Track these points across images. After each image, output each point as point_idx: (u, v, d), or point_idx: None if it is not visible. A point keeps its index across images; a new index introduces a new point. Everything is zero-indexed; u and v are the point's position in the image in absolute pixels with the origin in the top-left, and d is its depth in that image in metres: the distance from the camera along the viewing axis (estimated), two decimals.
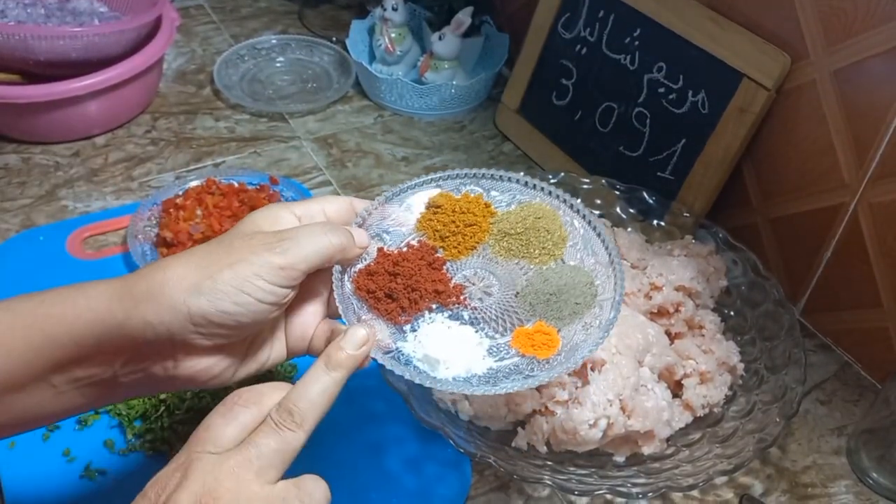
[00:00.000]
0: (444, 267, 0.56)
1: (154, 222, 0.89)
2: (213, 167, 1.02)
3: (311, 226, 0.50)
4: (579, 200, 0.59)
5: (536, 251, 0.56)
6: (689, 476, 0.65)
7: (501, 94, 1.12)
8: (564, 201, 0.59)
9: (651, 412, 0.67)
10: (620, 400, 0.67)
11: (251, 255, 0.47)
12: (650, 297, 0.76)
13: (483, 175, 0.59)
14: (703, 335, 0.76)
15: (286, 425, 0.44)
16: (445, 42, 1.10)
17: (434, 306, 0.54)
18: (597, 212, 0.89)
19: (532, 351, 0.52)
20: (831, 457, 0.75)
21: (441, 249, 0.56)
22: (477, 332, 0.53)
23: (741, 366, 0.75)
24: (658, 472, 0.67)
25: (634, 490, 0.64)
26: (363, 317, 0.52)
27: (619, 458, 0.69)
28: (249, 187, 0.92)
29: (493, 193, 0.59)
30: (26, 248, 0.89)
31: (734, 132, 0.84)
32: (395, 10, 1.11)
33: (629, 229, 0.87)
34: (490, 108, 1.15)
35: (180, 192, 0.91)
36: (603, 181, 0.90)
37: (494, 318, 0.54)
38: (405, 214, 0.58)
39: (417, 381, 0.49)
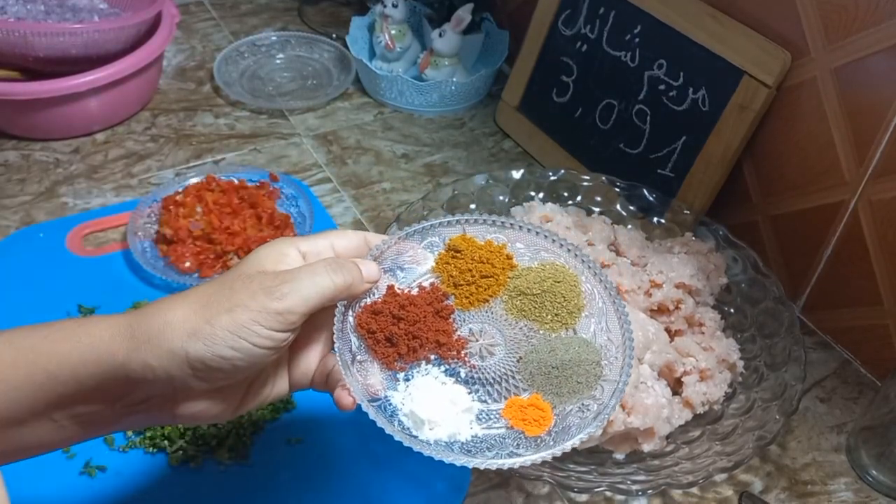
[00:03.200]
0: (452, 317, 0.54)
1: (154, 219, 0.89)
2: (213, 164, 1.02)
3: (314, 265, 0.49)
4: (605, 272, 0.57)
5: (549, 316, 0.54)
6: (688, 473, 0.65)
7: (502, 91, 1.12)
8: (590, 267, 0.56)
9: (651, 409, 0.67)
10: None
11: (249, 300, 0.46)
12: (650, 295, 0.76)
13: (512, 225, 0.57)
14: (702, 332, 0.76)
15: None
16: (445, 39, 1.10)
17: (433, 357, 0.52)
18: (597, 209, 0.89)
19: (522, 425, 0.50)
20: (831, 454, 0.75)
21: (452, 296, 0.54)
22: (470, 393, 0.51)
23: (741, 363, 0.75)
24: (658, 469, 0.67)
25: (634, 487, 0.64)
26: (359, 357, 0.51)
27: (619, 456, 0.69)
28: (249, 184, 0.92)
29: (518, 245, 0.57)
30: (26, 245, 0.89)
31: (734, 129, 0.84)
32: (395, 6, 1.11)
33: (629, 226, 0.87)
34: (490, 105, 1.15)
35: (180, 189, 0.91)
36: (603, 178, 0.90)
37: (491, 381, 0.52)
38: (423, 252, 0.56)
39: (398, 438, 0.48)
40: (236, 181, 0.92)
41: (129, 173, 1.00)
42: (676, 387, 0.73)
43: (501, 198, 0.89)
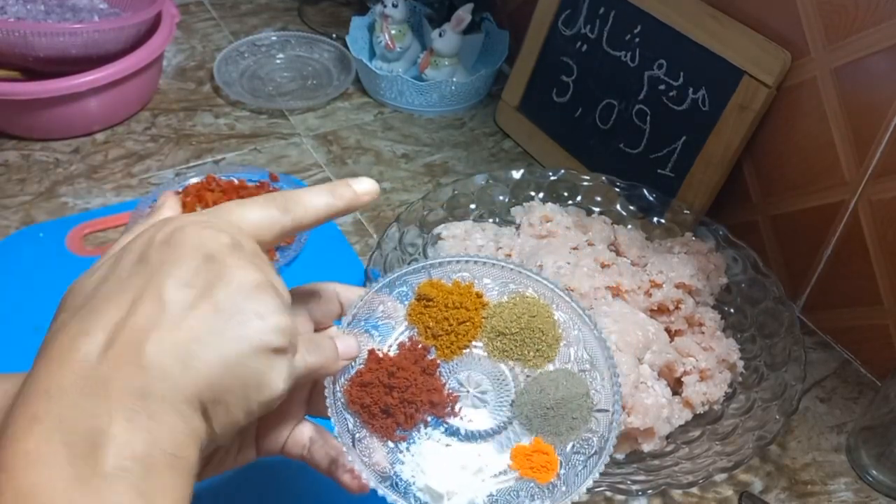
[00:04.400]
0: (438, 371, 0.52)
1: None
2: (212, 164, 1.02)
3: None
4: (573, 294, 0.56)
5: (531, 353, 0.54)
6: (688, 473, 0.65)
7: (502, 91, 1.12)
8: (559, 293, 0.55)
9: (651, 409, 0.67)
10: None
11: None
12: (650, 295, 0.76)
13: (475, 261, 0.56)
14: (702, 332, 0.76)
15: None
16: (445, 39, 1.10)
17: (429, 418, 0.51)
18: (597, 209, 0.89)
19: (532, 474, 0.49)
20: (831, 454, 0.75)
21: (433, 348, 0.53)
22: (475, 450, 0.50)
23: (741, 363, 0.75)
24: (658, 469, 0.67)
25: (634, 487, 0.64)
26: (357, 435, 0.49)
27: (619, 456, 0.69)
28: (249, 184, 0.92)
29: (485, 281, 0.56)
30: (26, 245, 0.89)
31: (734, 129, 0.84)
32: (395, 6, 1.11)
33: (629, 226, 0.87)
34: (490, 105, 1.15)
35: (180, 189, 0.91)
36: (603, 178, 0.90)
37: (491, 433, 0.51)
38: (394, 305, 0.54)
39: None
40: (236, 181, 0.92)
41: (129, 173, 1.00)
42: (676, 387, 0.73)
43: (501, 198, 0.89)
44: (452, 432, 0.51)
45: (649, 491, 0.65)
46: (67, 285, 0.88)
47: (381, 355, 0.51)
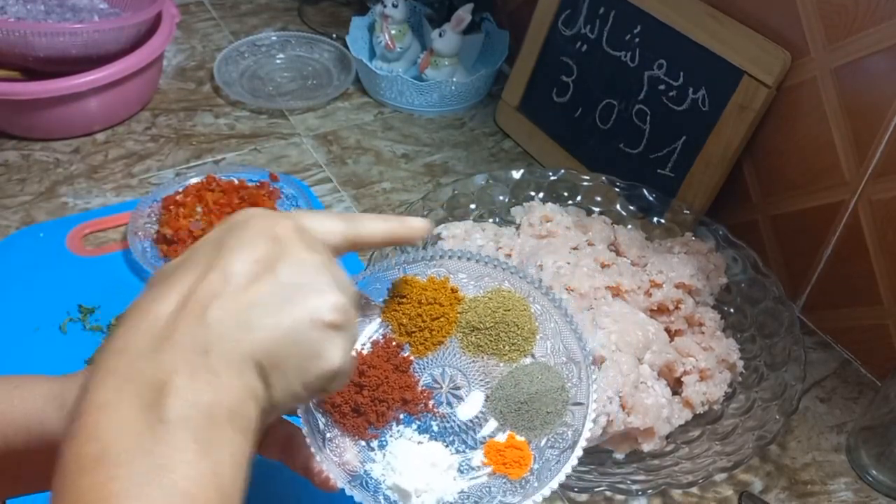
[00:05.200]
0: (411, 368, 0.53)
1: (154, 219, 0.89)
2: (213, 164, 1.02)
3: None
4: (548, 284, 0.56)
5: (506, 347, 0.53)
6: (688, 473, 0.65)
7: (502, 91, 1.12)
8: (536, 286, 0.55)
9: (651, 409, 0.67)
10: (620, 397, 0.67)
11: None
12: (650, 295, 0.76)
13: (450, 256, 0.56)
14: (702, 332, 0.76)
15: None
16: (445, 39, 1.10)
17: (402, 416, 0.51)
18: (597, 209, 0.89)
19: (504, 470, 0.49)
20: (831, 454, 0.75)
21: (407, 345, 0.53)
22: (447, 446, 0.50)
23: (741, 363, 0.75)
24: (658, 469, 0.67)
25: (634, 487, 0.64)
26: (328, 434, 0.49)
27: (619, 455, 0.69)
28: (249, 184, 0.92)
29: (461, 276, 0.56)
30: (26, 245, 0.89)
31: (734, 129, 0.84)
32: (395, 6, 1.11)
33: (629, 226, 0.87)
34: (490, 105, 1.15)
35: (180, 189, 0.91)
36: (603, 178, 0.90)
37: (464, 429, 0.51)
38: (367, 302, 0.54)
39: None
40: (236, 181, 0.92)
41: (130, 173, 1.00)
42: (676, 387, 0.73)
43: (501, 198, 0.89)
44: (425, 430, 0.51)
45: (649, 491, 0.65)
46: (67, 285, 0.88)
47: (353, 353, 0.51)
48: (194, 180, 0.93)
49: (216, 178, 0.92)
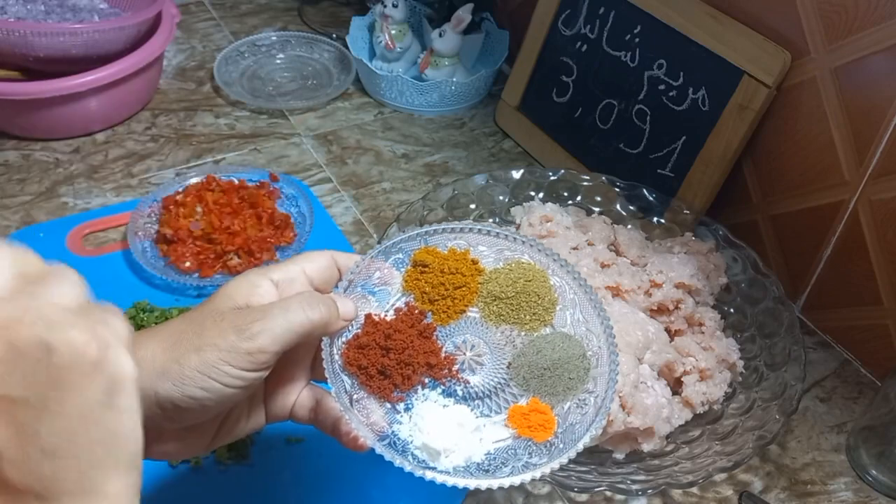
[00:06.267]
0: (434, 334, 0.53)
1: (154, 219, 0.89)
2: (213, 164, 1.02)
3: (287, 300, 0.47)
4: (570, 262, 0.56)
5: (527, 316, 0.54)
6: (688, 473, 0.65)
7: (502, 91, 1.12)
8: (555, 259, 0.56)
9: (651, 409, 0.67)
10: (620, 397, 0.67)
11: (219, 339, 0.44)
12: (650, 294, 0.76)
13: (470, 229, 0.56)
14: (702, 332, 0.76)
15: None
16: (446, 39, 1.10)
17: (427, 380, 0.52)
18: (597, 209, 0.89)
19: (529, 433, 0.50)
20: (831, 454, 0.75)
21: (430, 313, 0.54)
22: (472, 410, 0.51)
23: (741, 363, 0.75)
24: (658, 469, 0.67)
25: (634, 487, 0.64)
26: (355, 396, 0.50)
27: (619, 455, 0.69)
28: (249, 184, 0.92)
29: (481, 248, 0.56)
30: (26, 245, 0.88)
31: (734, 129, 0.84)
32: (395, 6, 1.11)
33: (629, 226, 0.87)
34: (490, 105, 1.15)
35: (180, 189, 0.91)
36: (603, 178, 0.90)
37: (488, 393, 0.52)
38: (390, 272, 0.55)
39: (418, 474, 0.47)
40: (236, 181, 0.92)
41: (130, 173, 1.00)
42: (676, 386, 0.73)
43: (501, 198, 0.89)
44: (450, 394, 0.52)
45: (649, 491, 0.65)
46: None
47: (377, 319, 0.52)
48: (194, 180, 0.93)
49: (216, 178, 0.92)
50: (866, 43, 0.73)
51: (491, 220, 0.88)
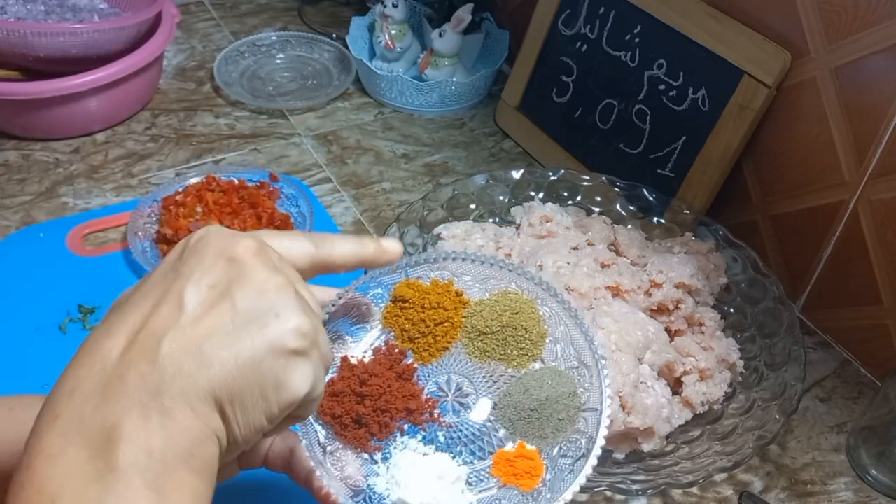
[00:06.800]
0: (415, 375, 0.50)
1: (154, 219, 0.89)
2: (213, 164, 1.02)
3: None
4: (560, 290, 0.53)
5: (514, 352, 0.51)
6: (688, 473, 0.65)
7: (502, 91, 1.12)
8: (544, 288, 0.52)
9: (651, 409, 0.67)
10: (620, 397, 0.67)
11: None
12: (650, 294, 0.76)
13: (454, 258, 0.52)
14: (702, 332, 0.76)
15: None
16: (446, 39, 1.10)
17: (406, 426, 0.49)
18: (597, 209, 0.89)
19: (515, 481, 0.47)
20: (831, 454, 0.75)
21: (410, 352, 0.51)
22: (455, 458, 0.49)
23: (741, 363, 0.75)
24: (657, 468, 0.67)
25: (634, 487, 0.64)
26: (329, 448, 0.47)
27: (619, 455, 0.69)
28: (249, 184, 0.92)
29: (465, 278, 0.53)
30: (26, 244, 0.89)
31: (734, 129, 0.84)
32: (395, 6, 1.11)
33: (629, 226, 0.87)
34: (490, 105, 1.15)
35: (180, 189, 0.91)
36: (603, 178, 0.90)
37: (472, 438, 0.49)
38: (368, 308, 0.51)
39: None
40: (236, 181, 0.92)
41: (130, 173, 1.00)
42: (676, 386, 0.73)
43: (501, 198, 0.89)
44: (430, 440, 0.49)
45: (649, 491, 0.65)
46: (67, 285, 0.88)
47: (354, 362, 0.49)
48: (194, 180, 0.93)
49: (216, 178, 0.92)
50: (866, 43, 0.73)
51: (491, 221, 0.88)
